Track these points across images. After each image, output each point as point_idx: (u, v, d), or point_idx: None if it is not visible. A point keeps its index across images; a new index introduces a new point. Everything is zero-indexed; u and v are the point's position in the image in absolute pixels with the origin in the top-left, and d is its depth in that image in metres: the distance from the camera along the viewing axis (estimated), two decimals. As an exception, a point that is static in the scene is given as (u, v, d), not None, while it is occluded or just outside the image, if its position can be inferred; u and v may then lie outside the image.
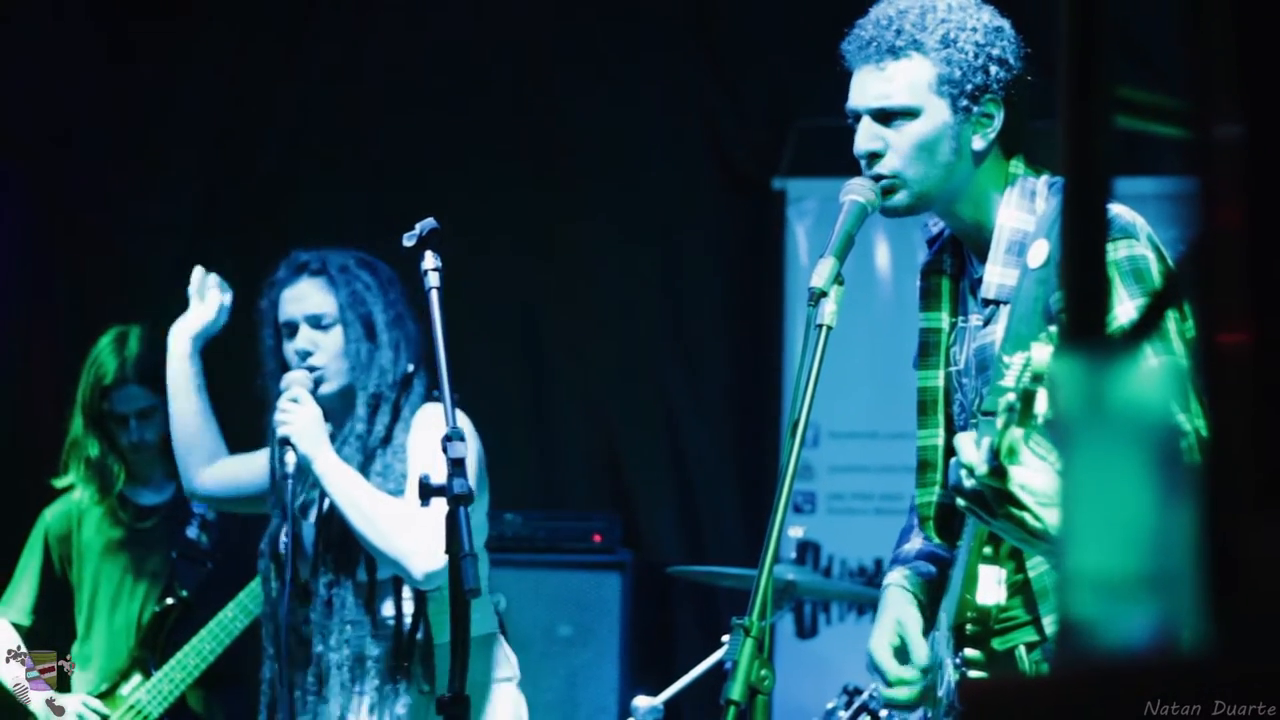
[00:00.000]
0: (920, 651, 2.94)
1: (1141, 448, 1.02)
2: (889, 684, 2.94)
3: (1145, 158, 4.36)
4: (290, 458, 3.81)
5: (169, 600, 4.71)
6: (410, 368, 3.97)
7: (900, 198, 2.84)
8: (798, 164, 6.16)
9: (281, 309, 4.00)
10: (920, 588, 3.03)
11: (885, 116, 2.83)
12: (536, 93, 6.36)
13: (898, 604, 3.01)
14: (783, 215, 6.21)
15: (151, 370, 4.64)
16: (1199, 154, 1.00)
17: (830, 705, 4.92)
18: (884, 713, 4.76)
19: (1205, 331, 1.04)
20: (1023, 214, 2.82)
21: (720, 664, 4.42)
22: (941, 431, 2.95)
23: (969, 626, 2.74)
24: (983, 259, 2.86)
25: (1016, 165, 2.86)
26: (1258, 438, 0.99)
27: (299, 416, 3.84)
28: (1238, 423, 0.99)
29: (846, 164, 2.90)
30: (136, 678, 4.65)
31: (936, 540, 3.00)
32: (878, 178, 2.83)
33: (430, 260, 3.26)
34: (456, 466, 3.09)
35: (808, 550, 5.96)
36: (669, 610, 6.16)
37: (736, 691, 2.58)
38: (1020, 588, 2.81)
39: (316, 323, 3.95)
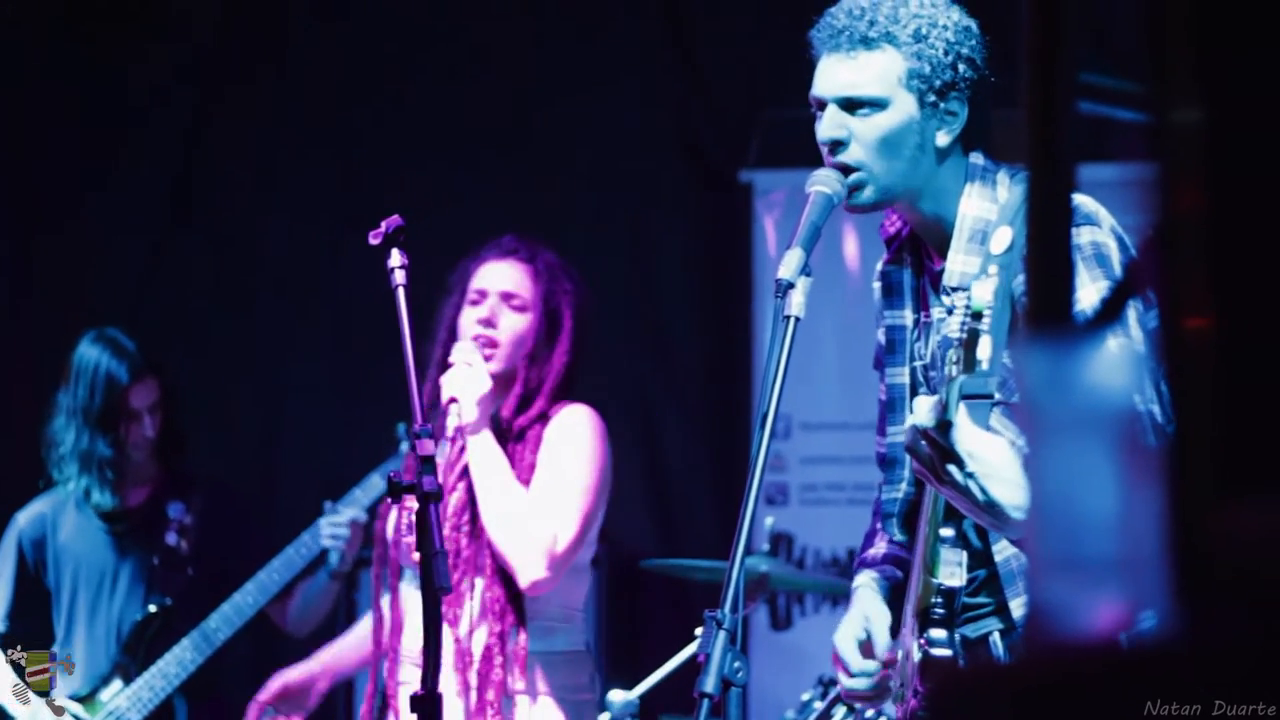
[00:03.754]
0: (882, 646, 2.93)
1: (1105, 431, 1.02)
2: (850, 674, 2.94)
3: (1106, 144, 4.37)
4: (452, 420, 3.79)
5: (151, 607, 4.68)
6: (568, 387, 3.95)
7: (866, 194, 2.83)
8: (765, 156, 6.16)
9: (476, 278, 3.97)
10: (888, 592, 3.03)
11: (852, 105, 2.82)
12: (505, 84, 6.34)
13: (866, 600, 3.00)
14: (750, 207, 6.20)
15: (153, 362, 4.76)
16: (1159, 139, 1.00)
17: (806, 696, 4.92)
18: (859, 704, 4.76)
19: (1168, 317, 1.04)
20: (985, 203, 2.83)
21: (694, 657, 4.42)
22: None
23: (934, 611, 2.73)
24: (943, 254, 2.86)
25: (976, 157, 2.87)
26: (1221, 421, 0.99)
27: (472, 381, 3.80)
28: (1202, 407, 0.99)
29: (814, 156, 2.90)
30: (117, 683, 4.62)
31: (900, 536, 2.99)
32: (842, 168, 2.83)
33: (396, 258, 3.25)
34: (426, 463, 3.08)
35: (781, 542, 5.96)
36: (642, 604, 6.16)
37: (710, 684, 2.58)
38: (989, 576, 2.81)
39: (508, 299, 3.93)
